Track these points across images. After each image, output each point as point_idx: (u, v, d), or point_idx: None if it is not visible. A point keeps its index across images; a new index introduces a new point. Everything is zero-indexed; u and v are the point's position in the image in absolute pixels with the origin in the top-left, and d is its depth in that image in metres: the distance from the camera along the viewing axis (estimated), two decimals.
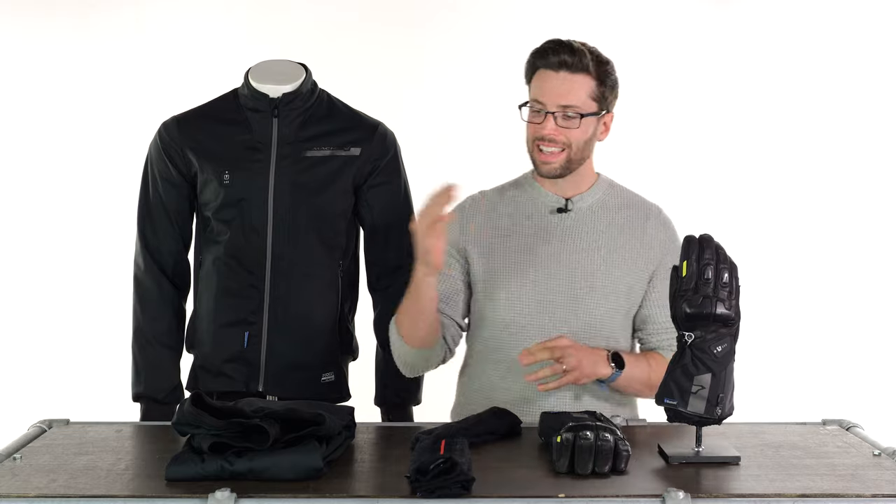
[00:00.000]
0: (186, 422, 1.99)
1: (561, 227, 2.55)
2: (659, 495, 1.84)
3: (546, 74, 2.46)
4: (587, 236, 2.53)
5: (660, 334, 2.52)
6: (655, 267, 2.53)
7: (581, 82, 2.44)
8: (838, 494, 1.89)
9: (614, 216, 2.56)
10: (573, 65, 2.43)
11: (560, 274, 2.51)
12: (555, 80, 2.44)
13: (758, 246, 4.40)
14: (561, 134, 2.45)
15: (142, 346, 2.80)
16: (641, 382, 2.45)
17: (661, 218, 2.59)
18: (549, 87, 2.45)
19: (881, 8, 4.55)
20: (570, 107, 2.44)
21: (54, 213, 4.50)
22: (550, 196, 2.57)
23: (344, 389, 2.86)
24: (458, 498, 1.84)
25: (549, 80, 2.45)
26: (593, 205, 2.56)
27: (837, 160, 4.58)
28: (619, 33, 4.54)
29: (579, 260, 2.51)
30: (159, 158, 2.79)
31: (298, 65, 2.83)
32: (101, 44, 4.48)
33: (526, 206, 2.59)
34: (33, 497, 1.86)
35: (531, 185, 2.61)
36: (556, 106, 2.44)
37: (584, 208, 2.56)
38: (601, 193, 2.58)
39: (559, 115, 2.44)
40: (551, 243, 2.54)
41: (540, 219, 2.56)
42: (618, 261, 2.51)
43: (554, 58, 2.44)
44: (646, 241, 2.54)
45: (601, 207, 2.56)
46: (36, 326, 4.49)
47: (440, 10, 4.51)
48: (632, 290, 2.52)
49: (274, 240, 2.73)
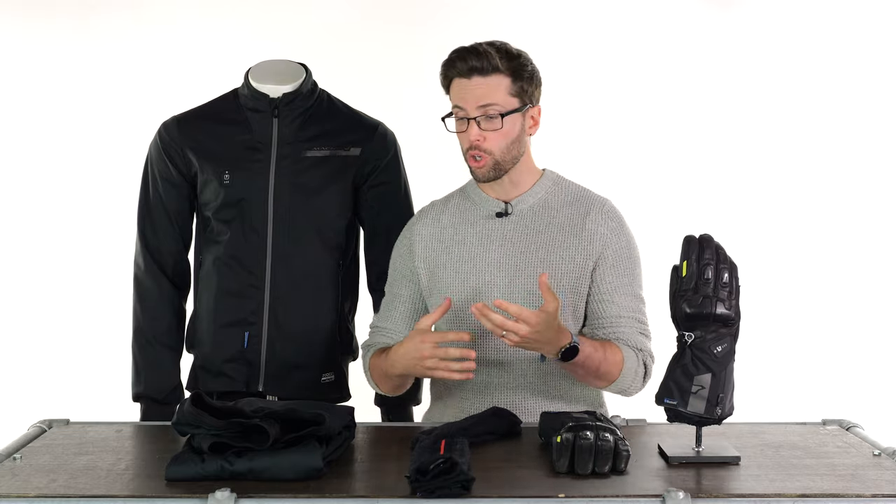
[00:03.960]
0: (186, 422, 1.99)
1: (501, 232, 2.53)
2: (659, 495, 1.84)
3: (460, 83, 2.46)
4: (526, 238, 2.51)
5: (605, 329, 2.48)
6: (596, 260, 2.49)
7: (495, 82, 2.44)
8: (838, 494, 1.89)
9: (555, 214, 2.53)
10: (483, 68, 2.43)
11: (500, 280, 2.48)
12: (468, 86, 2.45)
13: (758, 246, 4.40)
14: (485, 140, 2.44)
15: (142, 346, 2.80)
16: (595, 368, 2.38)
17: (604, 210, 2.53)
18: (465, 93, 2.45)
19: (881, 9, 4.55)
20: (490, 105, 2.43)
21: (54, 214, 4.50)
22: (491, 201, 2.56)
23: (344, 389, 2.86)
24: (458, 498, 1.84)
25: (464, 88, 2.46)
26: (535, 205, 2.54)
27: (837, 161, 4.58)
28: (620, 35, 4.55)
29: (517, 263, 2.50)
30: (159, 158, 2.79)
31: (298, 65, 2.83)
32: (101, 44, 4.48)
33: (469, 212, 2.58)
34: (33, 497, 1.86)
35: (474, 191, 2.59)
36: (475, 110, 2.44)
37: (524, 210, 2.54)
38: (543, 192, 2.56)
39: (481, 118, 2.44)
40: (491, 249, 2.52)
41: (483, 225, 2.55)
42: (557, 260, 2.49)
43: (463, 65, 2.45)
44: (584, 235, 2.50)
45: (543, 207, 2.54)
46: (36, 326, 4.49)
47: (440, 9, 4.51)
48: (576, 286, 2.48)
49: (274, 240, 2.73)
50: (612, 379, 2.44)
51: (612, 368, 2.42)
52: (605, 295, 2.49)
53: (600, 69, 4.48)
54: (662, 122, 4.56)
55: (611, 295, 2.49)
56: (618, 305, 2.48)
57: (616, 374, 2.43)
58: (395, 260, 2.63)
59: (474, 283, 2.50)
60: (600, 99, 4.41)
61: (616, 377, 2.43)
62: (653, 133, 4.56)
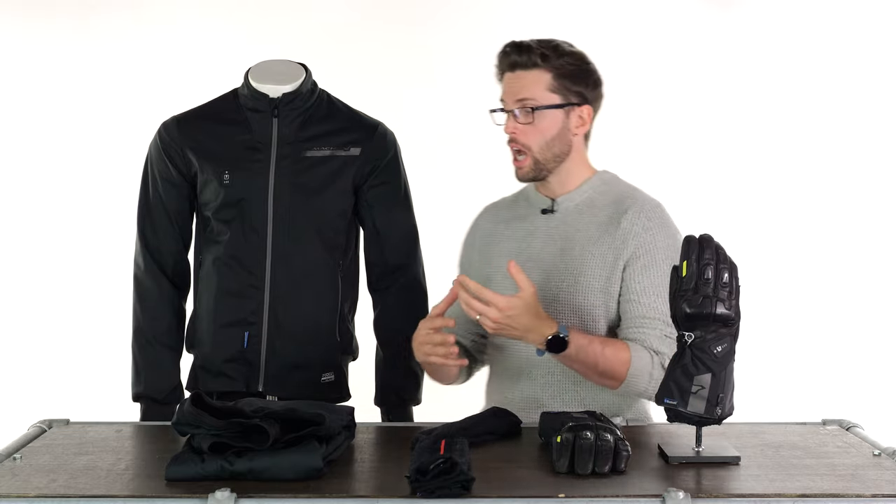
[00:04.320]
0: (186, 422, 1.99)
1: (545, 229, 2.56)
2: (659, 495, 1.84)
3: (505, 77, 2.54)
4: (566, 236, 2.52)
5: (629, 329, 2.44)
6: (627, 260, 2.47)
7: (534, 77, 2.48)
8: (838, 494, 1.89)
9: (598, 214, 2.53)
10: (524, 62, 2.48)
11: (535, 276, 2.48)
12: (511, 79, 2.51)
13: (758, 246, 4.40)
14: (521, 133, 2.48)
15: (142, 346, 2.80)
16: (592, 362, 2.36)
17: (644, 209, 2.49)
18: (507, 87, 2.53)
19: (881, 10, 4.55)
20: (526, 100, 2.47)
21: (54, 214, 4.50)
22: (540, 197, 2.60)
23: (344, 389, 2.86)
24: (458, 498, 1.84)
25: (507, 82, 2.53)
26: (580, 204, 2.55)
27: (837, 161, 4.58)
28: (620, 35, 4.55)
29: (555, 261, 2.51)
30: (159, 158, 2.79)
31: (298, 65, 2.83)
32: (101, 44, 4.48)
33: (522, 208, 2.63)
34: (33, 497, 1.86)
35: (530, 187, 2.64)
36: (512, 103, 2.49)
37: (570, 208, 2.55)
38: (591, 191, 2.56)
39: (518, 111, 2.48)
40: (533, 245, 2.55)
41: (531, 221, 2.59)
42: (589, 258, 2.48)
43: (506, 60, 2.52)
44: (619, 234, 2.48)
45: (588, 206, 2.55)
46: (36, 326, 4.49)
47: (441, 9, 4.51)
48: (606, 287, 2.47)
49: (274, 240, 2.73)
50: (618, 377, 2.39)
51: (616, 366, 2.37)
52: (633, 295, 2.45)
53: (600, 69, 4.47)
54: (662, 122, 4.56)
55: (639, 295, 2.45)
56: (644, 306, 2.44)
57: (622, 372, 2.38)
58: (461, 251, 2.73)
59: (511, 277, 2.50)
60: None
61: (623, 376, 2.38)
62: (652, 133, 4.56)
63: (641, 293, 2.44)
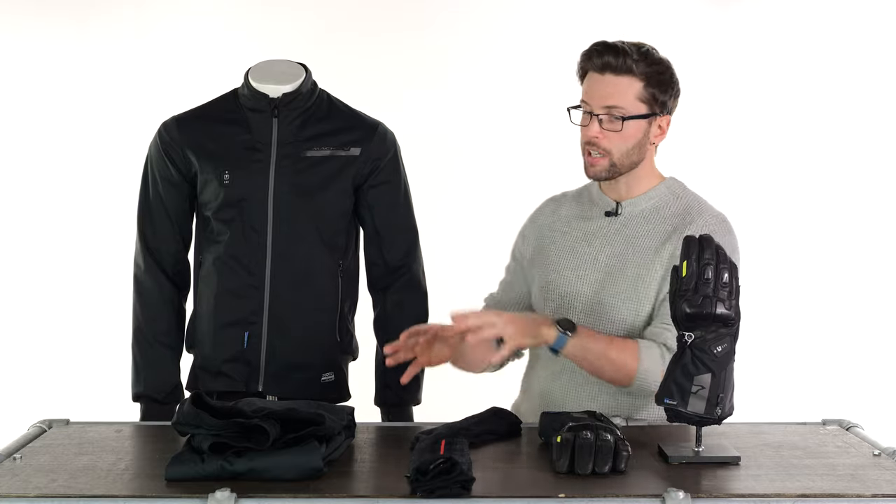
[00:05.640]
0: (186, 422, 1.99)
1: (606, 231, 2.53)
2: (659, 495, 1.84)
3: (592, 77, 2.46)
4: (628, 241, 2.50)
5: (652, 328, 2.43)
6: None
7: (626, 84, 2.42)
8: (838, 494, 1.89)
9: (663, 222, 2.50)
10: (617, 67, 2.41)
11: (592, 276, 2.49)
12: (600, 82, 2.44)
13: (758, 246, 4.39)
14: (604, 138, 2.44)
15: (142, 346, 2.80)
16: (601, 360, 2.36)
17: (707, 224, 2.45)
18: (594, 89, 2.45)
19: (881, 9, 4.55)
20: (615, 108, 2.42)
21: (54, 214, 4.50)
22: (605, 199, 2.57)
23: (344, 389, 2.86)
24: (458, 498, 1.84)
25: (594, 83, 2.45)
26: (646, 210, 2.52)
27: (837, 161, 4.58)
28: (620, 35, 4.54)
29: (613, 263, 2.49)
30: (159, 158, 2.79)
31: (298, 65, 2.83)
32: (101, 44, 4.48)
33: (585, 207, 2.61)
34: (33, 497, 1.86)
35: (594, 187, 2.61)
36: (600, 108, 2.43)
37: (635, 213, 2.53)
38: (657, 199, 2.53)
39: (604, 117, 2.43)
40: (593, 245, 2.52)
41: (592, 221, 2.57)
42: (652, 267, 2.46)
43: (598, 60, 2.43)
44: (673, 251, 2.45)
45: (654, 213, 2.52)
46: (36, 326, 4.49)
47: (441, 10, 4.51)
48: (659, 296, 2.45)
49: (274, 240, 2.73)
50: (629, 372, 2.36)
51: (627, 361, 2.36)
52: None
53: None
54: None
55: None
56: None
57: (632, 368, 2.36)
58: (516, 241, 2.71)
59: (569, 276, 2.51)
60: None
61: (634, 370, 2.36)
62: None
63: None
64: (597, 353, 2.36)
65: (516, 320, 2.35)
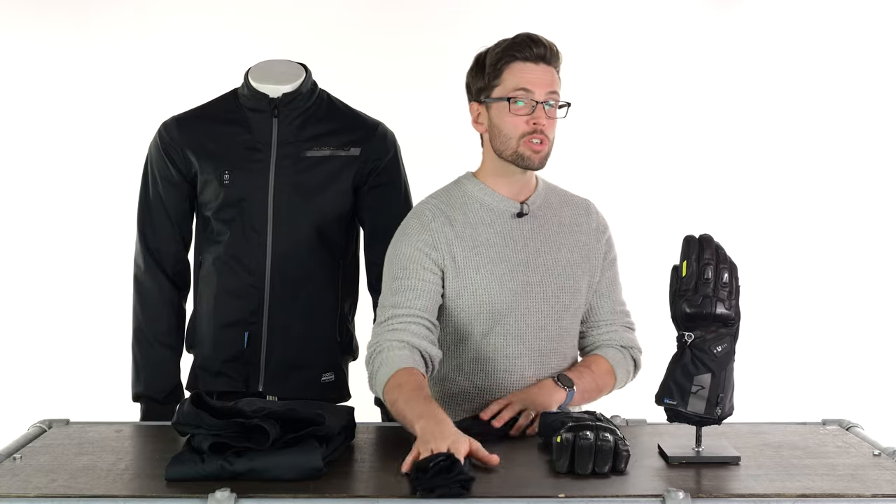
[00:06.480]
0: (186, 422, 1.99)
1: (521, 232, 2.48)
2: (659, 495, 1.84)
3: (526, 66, 2.41)
4: (544, 238, 2.50)
5: (600, 327, 2.57)
6: (598, 258, 2.56)
7: (554, 73, 2.45)
8: (838, 494, 1.89)
9: (559, 214, 2.54)
10: (548, 57, 2.43)
11: (533, 279, 2.46)
12: (537, 70, 2.42)
13: (758, 246, 4.40)
14: (548, 128, 2.42)
15: (142, 346, 2.80)
16: (593, 391, 2.50)
17: (597, 209, 2.61)
18: (535, 77, 2.41)
19: (881, 9, 4.55)
20: (555, 94, 2.43)
21: (54, 214, 4.50)
22: (506, 200, 2.49)
23: (344, 389, 2.86)
24: (458, 498, 1.84)
25: (531, 71, 2.41)
26: (542, 205, 2.53)
27: (837, 161, 4.58)
28: (620, 35, 4.55)
29: (545, 262, 2.48)
30: (159, 158, 2.79)
31: (298, 65, 2.83)
32: (101, 43, 4.48)
33: (482, 212, 2.48)
34: (33, 497, 1.86)
35: (481, 190, 2.50)
36: (545, 94, 2.41)
37: (535, 210, 2.52)
38: (543, 193, 2.55)
39: (551, 104, 2.41)
40: (517, 249, 2.47)
41: (502, 225, 2.48)
42: (577, 259, 2.51)
43: (530, 51, 2.41)
44: (591, 234, 2.55)
45: (548, 207, 2.54)
46: (36, 326, 4.49)
47: (441, 9, 4.51)
48: (591, 283, 2.55)
49: (274, 240, 2.73)
50: (611, 388, 2.54)
51: (608, 380, 2.52)
52: (604, 289, 2.57)
53: (600, 69, 4.48)
54: (662, 122, 4.56)
55: (608, 289, 2.58)
56: (612, 301, 2.58)
57: (612, 382, 2.53)
58: (410, 253, 2.43)
59: (510, 284, 2.45)
60: (600, 99, 4.41)
61: (613, 385, 2.54)
62: (653, 133, 4.56)
63: (610, 287, 2.58)
64: (590, 390, 2.48)
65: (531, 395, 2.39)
